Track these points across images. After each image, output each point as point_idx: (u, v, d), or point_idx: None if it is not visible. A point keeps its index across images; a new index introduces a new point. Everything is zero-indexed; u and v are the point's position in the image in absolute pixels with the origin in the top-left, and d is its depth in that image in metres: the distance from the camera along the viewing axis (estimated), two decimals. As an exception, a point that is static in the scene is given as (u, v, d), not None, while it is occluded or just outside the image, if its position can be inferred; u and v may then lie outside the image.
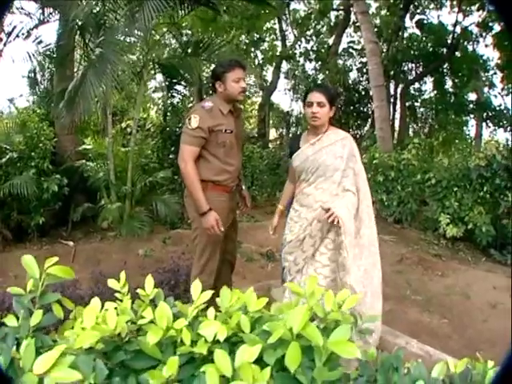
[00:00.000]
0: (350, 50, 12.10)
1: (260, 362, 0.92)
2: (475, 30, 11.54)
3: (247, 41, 13.03)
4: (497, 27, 10.47)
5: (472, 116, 12.43)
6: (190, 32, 10.98)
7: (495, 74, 11.91)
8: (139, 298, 1.21)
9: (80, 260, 5.06)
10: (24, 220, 5.85)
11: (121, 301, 1.22)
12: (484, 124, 12.22)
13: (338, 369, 0.97)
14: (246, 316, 1.09)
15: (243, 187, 3.11)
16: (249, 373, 0.81)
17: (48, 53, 6.37)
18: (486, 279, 4.56)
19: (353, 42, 12.63)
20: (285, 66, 13.31)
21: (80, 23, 4.88)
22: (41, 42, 5.85)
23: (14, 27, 5.46)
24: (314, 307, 1.10)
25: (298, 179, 2.69)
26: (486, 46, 11.83)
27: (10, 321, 1.09)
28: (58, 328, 1.22)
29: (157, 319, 1.07)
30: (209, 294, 1.20)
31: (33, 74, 8.01)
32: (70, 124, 5.98)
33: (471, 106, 11.82)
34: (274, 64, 13.56)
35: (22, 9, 5.43)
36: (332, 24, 12.92)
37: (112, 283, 1.31)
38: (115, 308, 1.13)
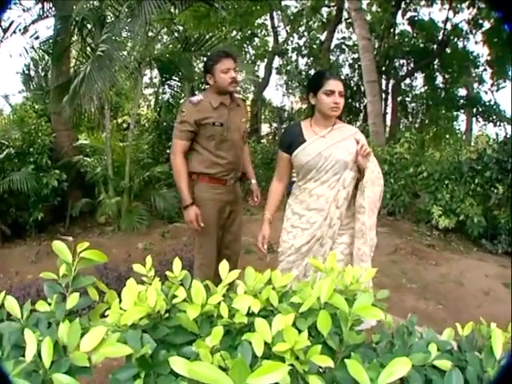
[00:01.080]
0: (343, 46, 12.24)
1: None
2: (465, 26, 11.78)
3: (239, 37, 13.09)
4: (487, 24, 10.71)
5: (462, 111, 12.66)
6: (181, 28, 10.99)
7: (485, 70, 12.15)
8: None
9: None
10: (22, 216, 5.88)
11: (150, 284, 1.30)
12: (474, 119, 12.47)
13: (361, 333, 1.09)
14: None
15: (252, 181, 3.10)
16: (291, 335, 0.91)
17: (45, 48, 6.37)
18: (478, 268, 4.72)
19: (345, 38, 12.79)
20: (277, 61, 13.42)
21: (79, 19, 4.91)
22: (38, 37, 5.86)
23: (12, 22, 5.46)
24: (335, 281, 1.21)
25: (303, 178, 2.36)
26: (476, 42, 12.09)
27: (42, 306, 1.13)
28: (88, 312, 1.28)
29: (193, 296, 1.15)
30: (236, 272, 1.30)
31: (27, 71, 7.99)
32: (67, 119, 6.01)
33: (461, 101, 12.03)
34: (265, 60, 13.64)
35: (19, 4, 5.43)
36: (324, 20, 13.03)
37: (137, 268, 1.39)
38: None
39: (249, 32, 13.17)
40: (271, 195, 2.51)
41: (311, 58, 12.01)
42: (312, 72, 11.63)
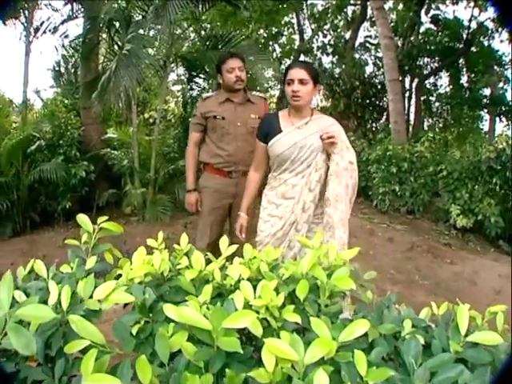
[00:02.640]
0: (367, 45, 12.22)
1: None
2: (491, 25, 11.54)
3: (265, 35, 13.22)
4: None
5: (486, 111, 12.42)
6: (209, 26, 11.20)
7: (508, 69, 11.89)
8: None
9: (106, 241, 5.37)
10: (51, 205, 6.19)
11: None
12: (497, 119, 12.23)
13: (338, 303, 1.22)
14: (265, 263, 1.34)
15: None
16: (267, 293, 1.05)
17: (74, 46, 6.67)
18: (493, 268, 4.72)
19: (369, 36, 12.76)
20: (302, 59, 13.44)
21: (106, 19, 5.15)
22: (67, 36, 6.15)
23: (43, 22, 5.76)
24: (320, 257, 1.34)
25: (277, 168, 2.36)
26: (502, 41, 11.86)
27: (65, 269, 1.35)
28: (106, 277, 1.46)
29: (193, 263, 1.32)
30: (234, 247, 1.46)
31: (57, 67, 8.36)
32: (96, 114, 6.29)
33: (485, 100, 11.80)
34: (291, 58, 13.70)
35: (49, 5, 5.73)
36: (349, 19, 13.02)
37: (150, 242, 1.58)
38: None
39: (275, 30, 13.29)
40: (249, 187, 2.52)
41: (336, 57, 12.04)
42: (337, 70, 11.66)
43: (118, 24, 5.29)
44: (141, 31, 4.87)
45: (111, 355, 0.94)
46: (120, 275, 1.30)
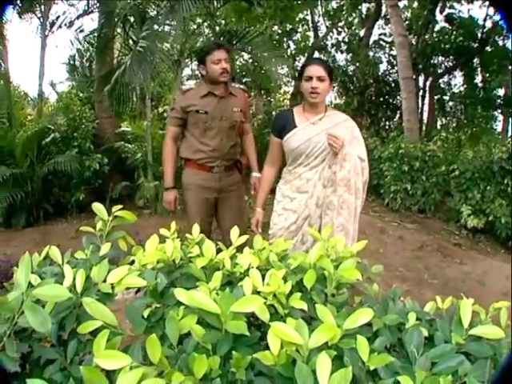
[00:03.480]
0: (381, 42, 12.12)
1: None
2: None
3: (280, 31, 13.18)
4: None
5: (499, 111, 12.25)
6: (223, 22, 11.22)
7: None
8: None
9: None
10: (65, 196, 6.29)
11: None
12: (511, 119, 12.05)
13: (344, 294, 1.25)
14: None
15: (253, 174, 3.06)
16: (275, 281, 1.08)
17: (89, 40, 6.76)
18: (502, 269, 4.69)
19: (384, 34, 12.63)
20: (317, 56, 13.39)
21: (122, 14, 5.21)
22: (82, 30, 6.23)
23: (58, 16, 5.84)
24: (328, 249, 1.37)
25: (292, 162, 2.41)
26: (517, 41, 11.61)
27: (80, 255, 1.40)
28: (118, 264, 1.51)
29: (204, 251, 1.35)
30: (244, 237, 1.49)
31: (72, 61, 8.45)
32: (108, 108, 6.36)
33: (499, 101, 11.64)
34: (305, 54, 13.66)
35: (66, 0, 5.81)
36: (363, 16, 12.93)
37: (163, 231, 1.62)
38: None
39: (289, 27, 13.25)
40: (262, 183, 2.57)
41: (350, 54, 11.98)
42: (350, 68, 11.61)
43: (132, 19, 5.34)
44: (155, 27, 4.90)
45: (123, 339, 0.98)
46: (133, 262, 1.34)
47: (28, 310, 0.92)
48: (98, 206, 1.51)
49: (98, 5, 5.76)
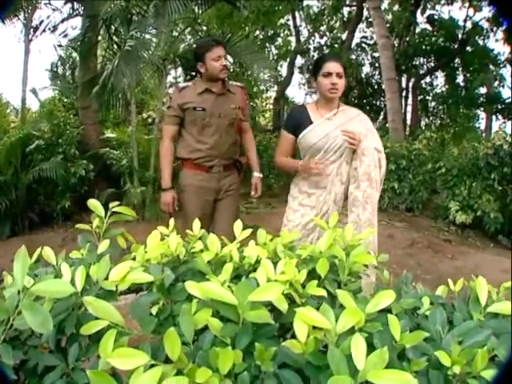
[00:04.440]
0: (363, 45, 12.27)
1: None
2: (486, 24, 11.65)
3: (261, 36, 13.25)
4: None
5: (482, 109, 12.51)
6: (205, 28, 11.21)
7: (504, 66, 12.00)
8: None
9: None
10: (50, 205, 6.14)
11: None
12: (494, 117, 12.32)
13: (358, 281, 1.21)
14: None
15: (255, 174, 2.98)
16: (290, 269, 1.03)
17: (73, 45, 6.65)
18: (494, 262, 4.72)
19: (365, 37, 12.81)
20: (299, 60, 13.51)
21: (107, 17, 5.13)
22: (66, 35, 6.13)
23: (42, 21, 5.73)
24: (336, 237, 1.33)
25: (310, 158, 2.37)
26: (497, 40, 11.96)
27: (75, 255, 1.30)
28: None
29: (208, 245, 1.30)
30: (249, 231, 1.44)
31: (55, 68, 8.34)
32: (95, 113, 6.25)
33: (481, 99, 11.88)
34: (287, 59, 13.75)
35: (49, 4, 5.70)
36: (345, 19, 13.07)
37: (161, 229, 1.55)
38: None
39: (271, 32, 13.32)
40: (287, 160, 2.49)
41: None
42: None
43: (118, 23, 5.27)
44: (141, 29, 4.85)
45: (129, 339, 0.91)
46: (134, 260, 1.27)
47: (26, 310, 0.83)
48: (93, 203, 1.42)
49: (82, 8, 5.66)
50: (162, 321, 1.02)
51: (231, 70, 11.93)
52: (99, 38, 6.34)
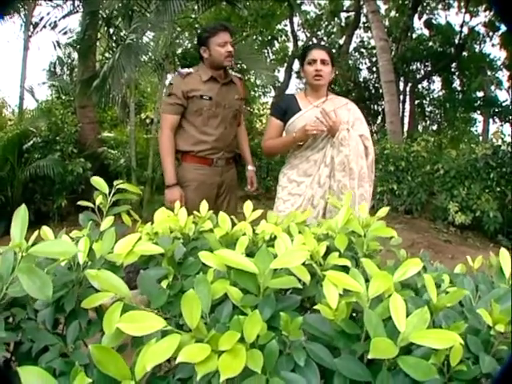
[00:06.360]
0: (361, 50, 12.32)
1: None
2: (482, 29, 11.81)
3: (259, 42, 13.25)
4: (504, 27, 10.69)
5: (479, 112, 12.61)
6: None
7: (501, 70, 12.14)
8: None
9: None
10: (46, 204, 6.06)
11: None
12: (491, 120, 12.40)
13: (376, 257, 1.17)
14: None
15: (249, 167, 2.91)
16: (311, 241, 0.98)
17: (72, 43, 6.61)
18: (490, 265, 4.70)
19: (363, 42, 12.86)
20: (297, 65, 13.50)
21: (108, 13, 5.10)
22: (66, 32, 6.08)
23: (42, 18, 5.68)
24: (351, 215, 1.28)
25: (299, 146, 2.36)
26: (493, 45, 12.16)
27: (76, 234, 1.21)
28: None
29: (220, 223, 1.24)
30: (259, 212, 1.39)
31: (53, 68, 8.28)
32: (91, 113, 6.19)
33: (478, 102, 11.96)
34: (285, 64, 13.75)
35: (49, 0, 5.65)
36: (343, 24, 13.14)
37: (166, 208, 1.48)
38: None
39: (269, 37, 13.33)
40: (278, 139, 2.43)
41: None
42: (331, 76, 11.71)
43: (119, 20, 5.24)
44: (143, 25, 4.82)
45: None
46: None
47: (23, 273, 0.73)
48: (97, 180, 1.35)
49: (82, 5, 5.61)
50: (171, 297, 0.92)
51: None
52: (99, 36, 6.30)
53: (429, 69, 11.94)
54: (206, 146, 2.58)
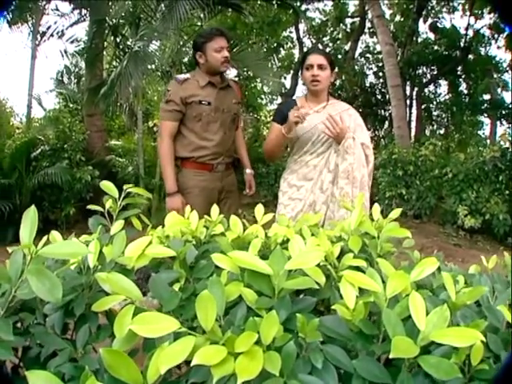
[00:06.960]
0: (367, 55, 12.34)
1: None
2: (487, 32, 11.79)
3: (265, 49, 13.31)
4: (508, 29, 10.66)
5: (486, 115, 12.55)
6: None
7: (507, 72, 12.11)
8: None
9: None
10: (54, 212, 6.09)
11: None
12: (498, 123, 12.35)
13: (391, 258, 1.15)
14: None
15: (247, 171, 2.89)
16: (325, 243, 0.97)
17: (79, 52, 6.69)
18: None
19: (368, 47, 12.88)
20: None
21: (115, 22, 5.15)
22: (73, 41, 6.13)
23: (49, 27, 5.75)
24: (363, 217, 1.27)
25: (298, 150, 2.38)
26: (499, 47, 12.15)
27: (86, 238, 1.18)
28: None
29: (231, 227, 1.23)
30: (270, 215, 1.38)
31: (60, 77, 8.37)
32: (99, 121, 6.24)
33: (485, 105, 11.91)
34: (291, 71, 13.79)
35: (56, 9, 5.73)
36: (348, 30, 13.18)
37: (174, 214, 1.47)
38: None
39: (275, 44, 13.39)
40: (272, 137, 2.42)
41: (336, 68, 12.14)
42: (337, 82, 11.74)
43: (125, 28, 5.29)
44: (150, 33, 4.86)
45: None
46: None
47: (32, 275, 0.71)
48: (106, 184, 1.33)
49: (89, 14, 5.67)
50: (183, 300, 0.90)
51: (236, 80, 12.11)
52: (106, 44, 6.36)
53: (435, 72, 11.91)
54: (206, 152, 2.57)
